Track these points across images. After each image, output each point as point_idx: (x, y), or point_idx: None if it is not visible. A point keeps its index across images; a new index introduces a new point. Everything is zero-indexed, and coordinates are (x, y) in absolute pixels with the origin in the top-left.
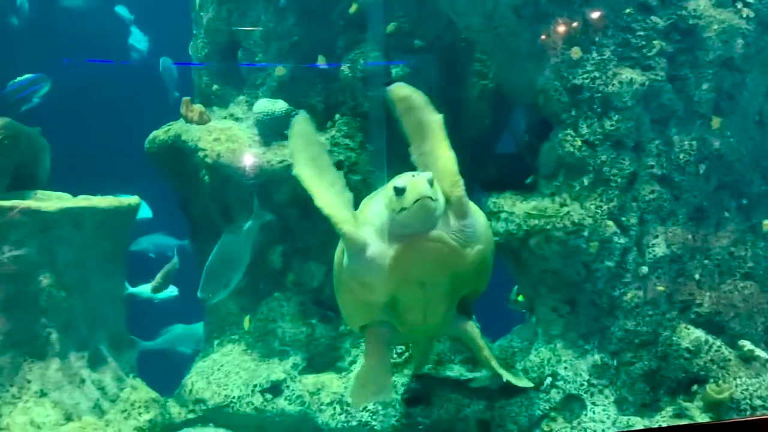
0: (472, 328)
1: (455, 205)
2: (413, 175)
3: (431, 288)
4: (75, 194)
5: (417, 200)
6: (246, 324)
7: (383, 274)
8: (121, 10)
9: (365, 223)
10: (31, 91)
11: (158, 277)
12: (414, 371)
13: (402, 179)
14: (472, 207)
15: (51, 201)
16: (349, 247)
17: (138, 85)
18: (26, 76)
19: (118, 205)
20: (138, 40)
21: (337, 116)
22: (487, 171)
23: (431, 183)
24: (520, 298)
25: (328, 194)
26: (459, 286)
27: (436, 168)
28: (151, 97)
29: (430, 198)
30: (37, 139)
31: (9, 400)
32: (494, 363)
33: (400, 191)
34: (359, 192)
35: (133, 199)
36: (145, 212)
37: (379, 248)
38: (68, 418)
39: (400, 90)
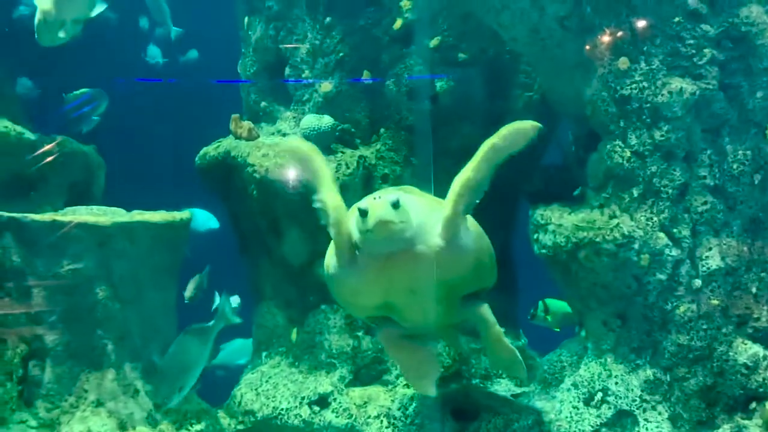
0: (485, 309)
1: (443, 223)
2: (375, 198)
3: (422, 294)
4: (128, 209)
5: (376, 223)
6: (293, 336)
7: (367, 284)
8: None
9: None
10: (90, 108)
11: (190, 287)
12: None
13: (365, 201)
14: (468, 220)
15: (106, 216)
16: (339, 254)
17: (187, 101)
18: (83, 90)
19: (171, 219)
20: (153, 55)
21: (382, 130)
22: (533, 183)
23: (396, 205)
24: (547, 315)
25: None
26: (455, 289)
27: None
28: (201, 112)
29: (391, 221)
30: (92, 157)
31: (67, 410)
32: (505, 340)
33: (362, 213)
34: None
35: (185, 214)
36: (212, 223)
37: (362, 260)
38: (123, 428)
39: None
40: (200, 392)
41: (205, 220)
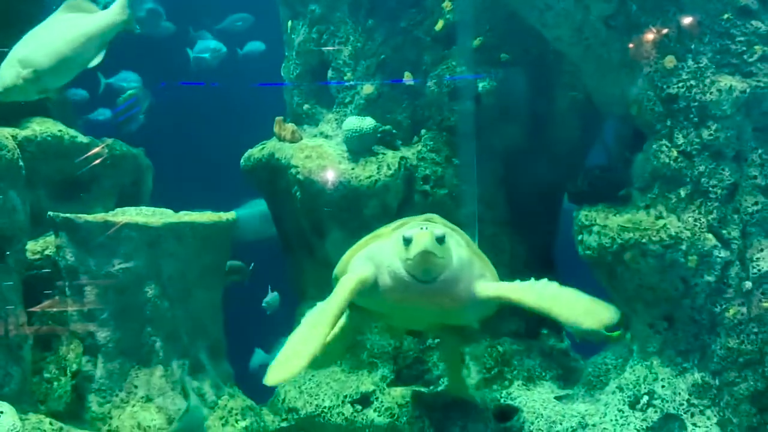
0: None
1: (497, 288)
2: (422, 228)
3: (430, 315)
4: (175, 211)
5: (420, 252)
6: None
7: (379, 301)
8: None
9: (371, 257)
10: (138, 110)
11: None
12: (449, 387)
13: (411, 230)
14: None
15: (156, 217)
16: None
17: (232, 103)
18: (130, 92)
19: (218, 220)
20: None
21: (423, 131)
22: (578, 184)
23: (441, 240)
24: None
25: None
26: (456, 325)
27: None
28: (246, 115)
29: (434, 254)
30: (141, 159)
31: (118, 404)
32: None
33: (406, 241)
34: (445, 206)
35: (230, 215)
36: None
37: (383, 281)
38: (171, 423)
39: None
40: (245, 389)
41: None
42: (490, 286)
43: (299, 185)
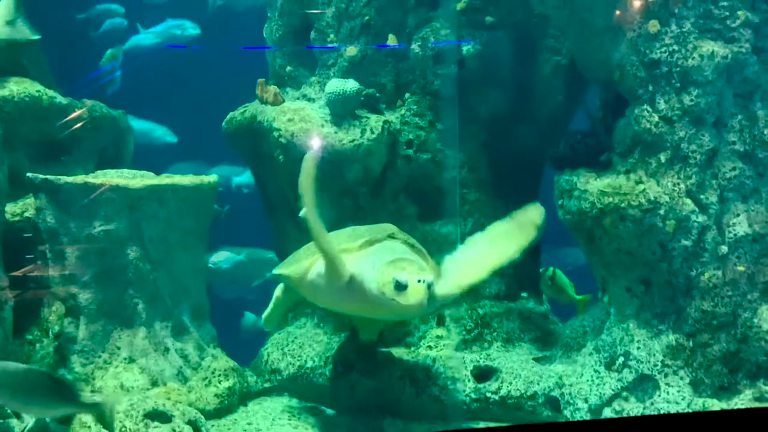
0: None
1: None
2: (419, 281)
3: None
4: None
5: (414, 305)
6: None
7: (346, 304)
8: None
9: (347, 251)
10: (118, 71)
11: None
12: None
13: (405, 276)
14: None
15: (137, 179)
16: (334, 273)
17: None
18: (110, 52)
19: (200, 183)
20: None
21: (407, 95)
22: (560, 148)
23: (430, 286)
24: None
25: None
26: None
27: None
28: (227, 78)
29: (424, 305)
30: (121, 121)
31: (101, 365)
32: None
33: (401, 287)
34: (428, 170)
35: (212, 178)
36: (169, 138)
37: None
38: (154, 384)
39: None
40: (229, 351)
41: (162, 134)
42: (443, 287)
43: (281, 149)
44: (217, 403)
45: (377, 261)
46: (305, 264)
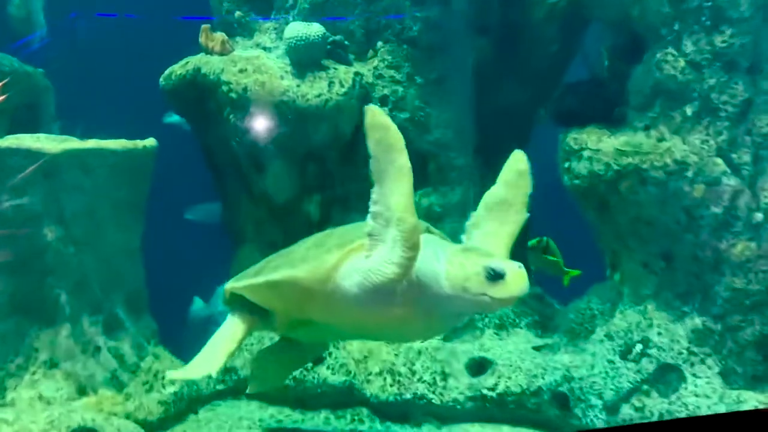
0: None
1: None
2: (520, 266)
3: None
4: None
5: (512, 297)
6: None
7: (390, 315)
8: None
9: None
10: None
11: None
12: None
13: (500, 263)
14: None
15: (54, 143)
16: (402, 264)
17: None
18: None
19: (133, 147)
20: None
21: (380, 43)
22: (565, 102)
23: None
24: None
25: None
26: None
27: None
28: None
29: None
30: (37, 78)
31: (14, 372)
32: None
33: (497, 275)
34: (406, 132)
35: (149, 141)
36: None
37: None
38: (82, 392)
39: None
40: (173, 348)
41: None
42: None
43: (232, 106)
44: (162, 412)
45: (439, 253)
46: (329, 260)
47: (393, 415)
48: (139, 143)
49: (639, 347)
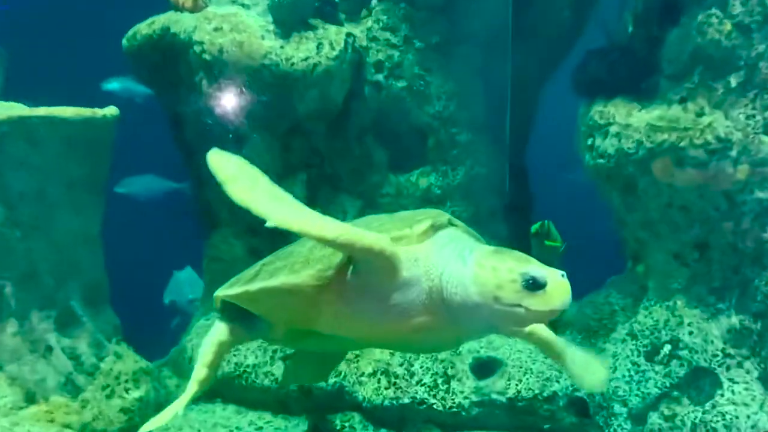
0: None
1: None
2: (563, 275)
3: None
4: None
5: (555, 309)
6: None
7: (390, 325)
8: None
9: (403, 239)
10: None
11: None
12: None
13: (540, 270)
14: None
15: None
16: (387, 269)
17: None
18: None
19: (90, 116)
20: None
21: (375, 2)
22: (589, 71)
23: None
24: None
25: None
26: None
27: None
28: None
29: None
30: None
31: None
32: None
33: (536, 285)
34: (403, 103)
35: (110, 110)
36: None
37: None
38: (30, 400)
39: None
40: (138, 345)
41: None
42: None
43: (205, 70)
44: (125, 421)
45: (465, 253)
46: (337, 262)
47: (389, 421)
48: (98, 112)
49: (667, 348)
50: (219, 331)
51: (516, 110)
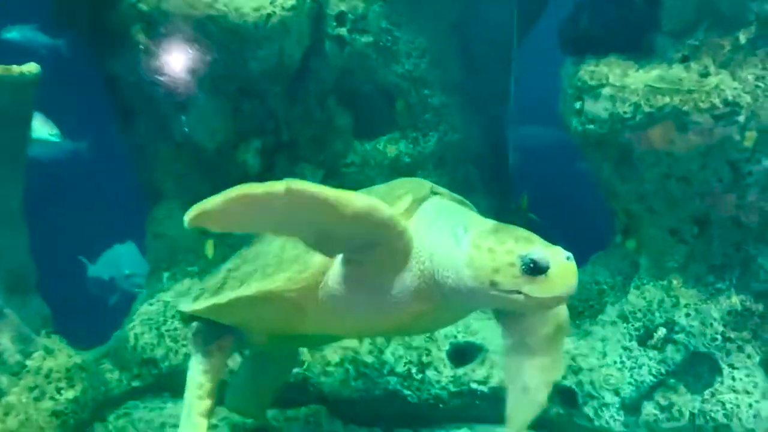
0: None
1: None
2: (569, 257)
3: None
4: None
5: (562, 296)
6: (209, 251)
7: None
8: None
9: None
10: None
11: None
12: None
13: (542, 251)
14: None
15: None
16: (397, 251)
17: None
18: None
19: (4, 74)
20: None
21: None
22: (579, 25)
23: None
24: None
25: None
26: None
27: None
28: None
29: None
30: None
31: None
32: None
33: (537, 269)
34: (368, 61)
35: (29, 67)
36: None
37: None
38: None
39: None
40: (72, 336)
41: None
42: None
43: (142, 23)
44: (57, 426)
45: (459, 231)
46: (313, 261)
47: (358, 415)
48: (15, 69)
49: (662, 331)
50: (196, 368)
51: (496, 69)
